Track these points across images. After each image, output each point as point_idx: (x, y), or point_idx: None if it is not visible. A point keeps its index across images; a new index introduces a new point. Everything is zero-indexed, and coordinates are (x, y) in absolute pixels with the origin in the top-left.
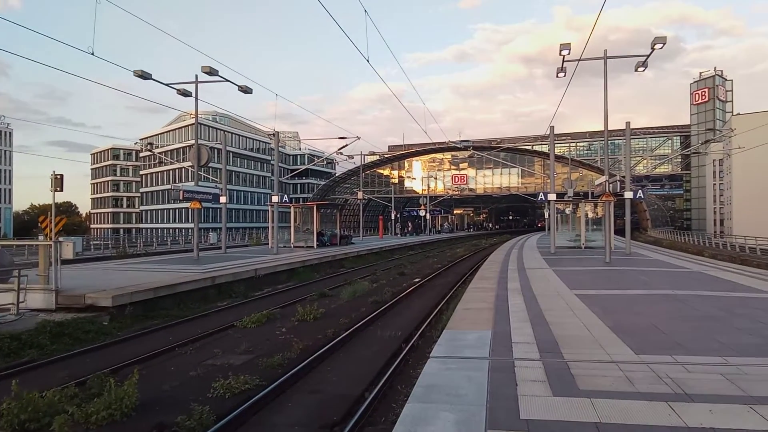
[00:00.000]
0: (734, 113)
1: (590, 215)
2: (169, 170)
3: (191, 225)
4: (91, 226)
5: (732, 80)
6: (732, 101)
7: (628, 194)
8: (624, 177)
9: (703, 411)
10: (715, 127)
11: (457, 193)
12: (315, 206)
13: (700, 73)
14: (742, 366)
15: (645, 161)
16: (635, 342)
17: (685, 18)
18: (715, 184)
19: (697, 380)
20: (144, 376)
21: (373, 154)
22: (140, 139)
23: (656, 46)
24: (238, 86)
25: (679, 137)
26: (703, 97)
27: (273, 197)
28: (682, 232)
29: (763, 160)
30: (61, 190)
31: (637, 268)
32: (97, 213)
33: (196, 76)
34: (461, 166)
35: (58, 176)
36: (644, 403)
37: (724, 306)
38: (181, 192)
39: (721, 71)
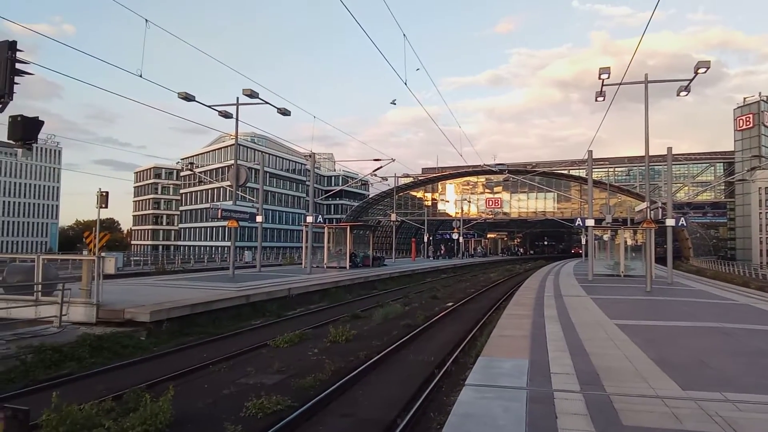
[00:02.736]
0: None
1: (629, 242)
2: (208, 189)
3: (228, 243)
4: (132, 242)
5: None
6: None
7: (670, 221)
8: (665, 203)
9: None
10: (761, 154)
11: (491, 216)
12: (348, 227)
13: (744, 98)
14: None
15: (686, 188)
16: (681, 376)
17: (726, 43)
18: (761, 213)
19: (749, 419)
20: (179, 393)
21: (407, 176)
22: (181, 159)
23: (700, 71)
24: (277, 108)
25: (722, 164)
26: (748, 123)
27: (307, 217)
28: (726, 262)
29: None
30: (106, 206)
31: (681, 298)
32: (137, 229)
33: (237, 98)
34: (495, 189)
35: (104, 193)
36: None
37: None
38: (219, 211)
39: (766, 96)
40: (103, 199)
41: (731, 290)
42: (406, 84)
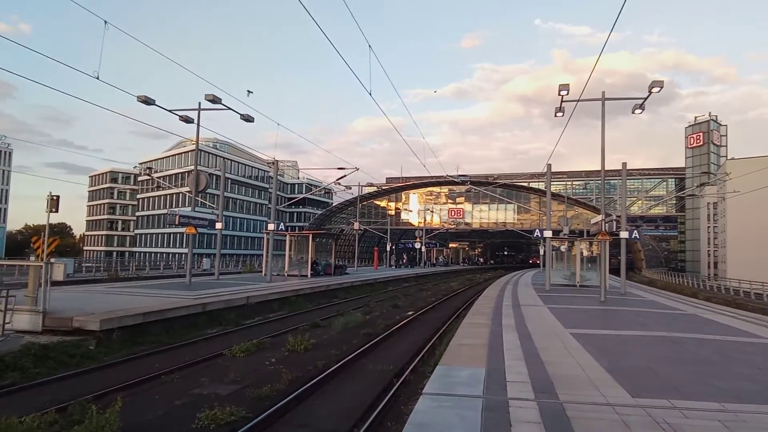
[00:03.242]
0: (728, 157)
1: (585, 253)
2: (166, 195)
3: (185, 250)
4: (85, 248)
5: (726, 125)
6: (726, 146)
7: (624, 234)
8: (620, 216)
9: None
10: (710, 171)
11: (453, 227)
12: (311, 235)
13: (695, 117)
14: (740, 413)
15: (640, 202)
16: (631, 384)
17: (679, 65)
18: (709, 227)
19: (694, 426)
20: (128, 404)
21: (371, 185)
22: (140, 163)
23: (654, 90)
24: (240, 114)
25: (674, 179)
26: (698, 141)
27: (269, 225)
28: (676, 274)
29: (757, 205)
30: (56, 211)
31: (633, 308)
32: (91, 235)
33: (199, 103)
34: (458, 200)
35: (54, 197)
36: None
37: (720, 350)
38: (177, 217)
39: (716, 116)
40: (54, 203)
41: (680, 301)
42: (370, 94)
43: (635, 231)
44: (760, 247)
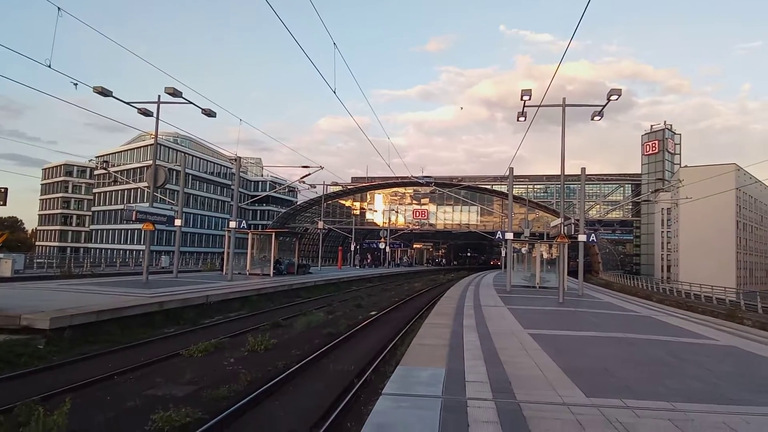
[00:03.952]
0: (682, 165)
1: (545, 255)
2: (124, 190)
3: (143, 247)
4: (37, 243)
5: (680, 134)
6: (680, 154)
7: (582, 237)
8: (578, 220)
9: None
10: (664, 177)
11: (417, 227)
12: (274, 234)
13: (651, 125)
14: (689, 412)
15: (598, 206)
16: (586, 384)
17: (636, 74)
18: (663, 232)
19: (646, 426)
20: (78, 406)
21: (336, 184)
22: (96, 157)
23: (612, 97)
24: (202, 109)
25: (630, 185)
26: (654, 149)
27: (230, 222)
28: (631, 276)
29: (707, 211)
30: (4, 204)
31: (590, 310)
32: (43, 230)
33: (159, 96)
34: (423, 201)
35: (2, 189)
36: None
37: (671, 351)
38: (134, 213)
39: (671, 125)
40: (1, 195)
41: (635, 302)
42: (335, 92)
43: (593, 234)
44: (710, 251)
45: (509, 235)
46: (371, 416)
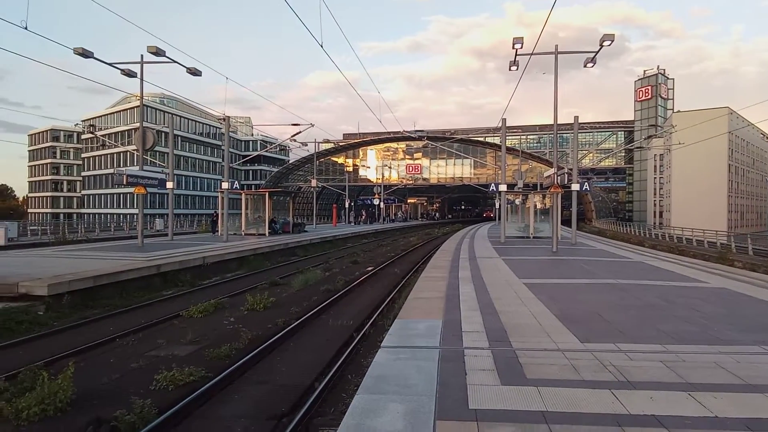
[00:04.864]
0: (675, 110)
1: (539, 206)
2: (113, 153)
3: (136, 211)
4: (29, 210)
5: (673, 79)
6: (673, 99)
7: (575, 186)
8: (572, 169)
9: (644, 398)
10: (657, 124)
11: (411, 182)
12: (267, 193)
13: (644, 71)
14: (681, 353)
15: (591, 155)
16: (580, 330)
17: (628, 19)
18: (655, 178)
19: (638, 368)
20: (81, 369)
21: (328, 141)
22: (82, 121)
23: (605, 43)
24: (187, 68)
25: (623, 132)
26: (647, 95)
27: (223, 183)
28: (624, 224)
29: (700, 156)
30: None
31: (582, 257)
32: (35, 197)
33: (142, 56)
34: (415, 155)
35: None
36: (589, 391)
37: (663, 295)
38: (124, 177)
39: (663, 70)
40: None
41: (628, 249)
42: (322, 46)
43: (586, 183)
44: (702, 195)
45: (503, 187)
46: (371, 368)
